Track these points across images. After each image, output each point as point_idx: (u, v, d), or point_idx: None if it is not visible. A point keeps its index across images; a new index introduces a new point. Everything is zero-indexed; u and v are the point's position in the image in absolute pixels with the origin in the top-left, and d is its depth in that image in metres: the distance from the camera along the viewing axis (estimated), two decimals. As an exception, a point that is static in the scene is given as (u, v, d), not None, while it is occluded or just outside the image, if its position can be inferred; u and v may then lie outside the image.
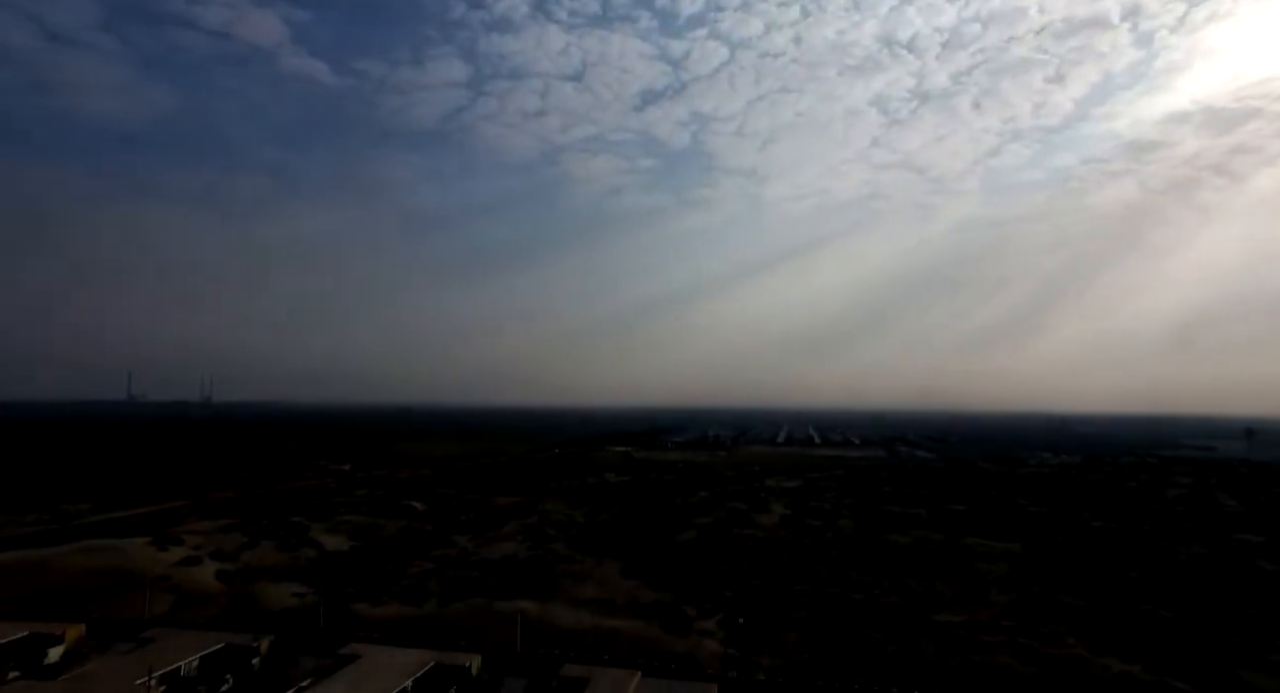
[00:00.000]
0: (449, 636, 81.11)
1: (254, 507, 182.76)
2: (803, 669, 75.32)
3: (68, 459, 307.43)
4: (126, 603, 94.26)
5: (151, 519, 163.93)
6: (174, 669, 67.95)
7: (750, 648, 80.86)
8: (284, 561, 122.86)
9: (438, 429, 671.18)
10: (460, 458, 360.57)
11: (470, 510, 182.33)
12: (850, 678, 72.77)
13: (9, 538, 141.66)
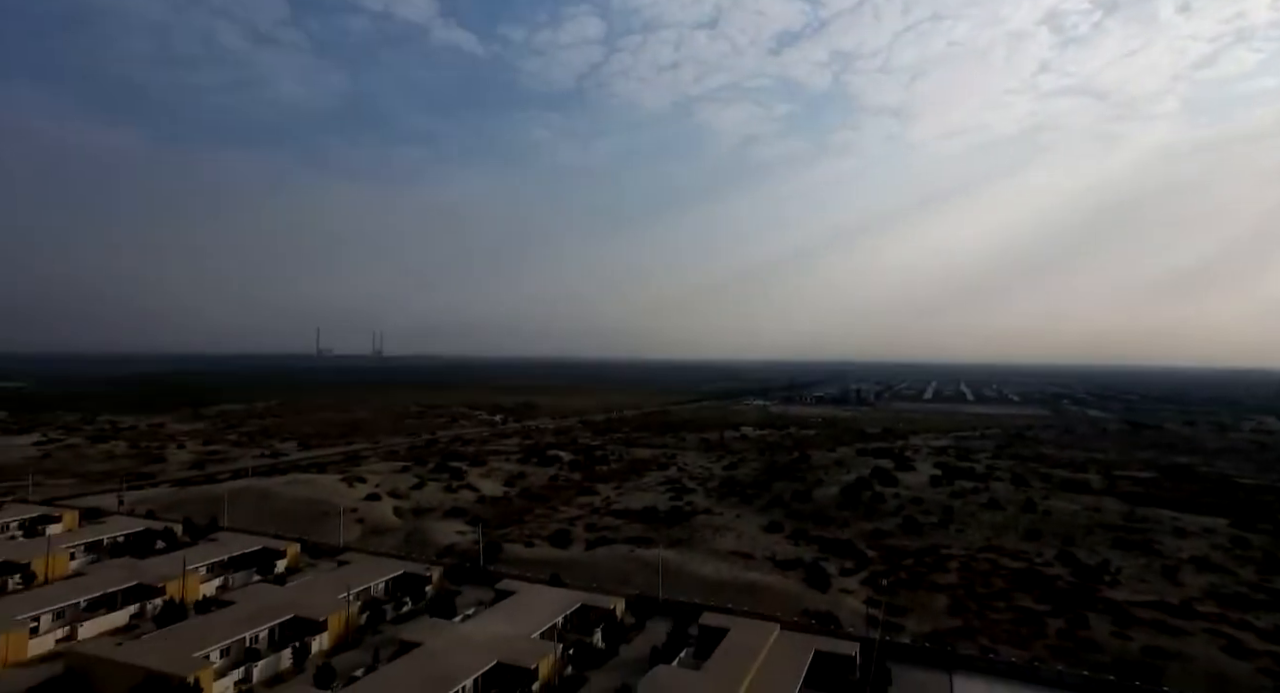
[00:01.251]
0: (594, 579, 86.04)
1: (421, 452, 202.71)
2: (953, 636, 72.16)
3: (275, 405, 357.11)
4: (326, 529, 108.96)
5: (341, 460, 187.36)
6: (365, 588, 77.98)
7: (894, 610, 78.57)
8: (447, 501, 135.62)
9: (581, 381, 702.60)
10: (602, 410, 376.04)
11: (612, 461, 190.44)
12: (1006, 649, 68.74)
13: (242, 469, 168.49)
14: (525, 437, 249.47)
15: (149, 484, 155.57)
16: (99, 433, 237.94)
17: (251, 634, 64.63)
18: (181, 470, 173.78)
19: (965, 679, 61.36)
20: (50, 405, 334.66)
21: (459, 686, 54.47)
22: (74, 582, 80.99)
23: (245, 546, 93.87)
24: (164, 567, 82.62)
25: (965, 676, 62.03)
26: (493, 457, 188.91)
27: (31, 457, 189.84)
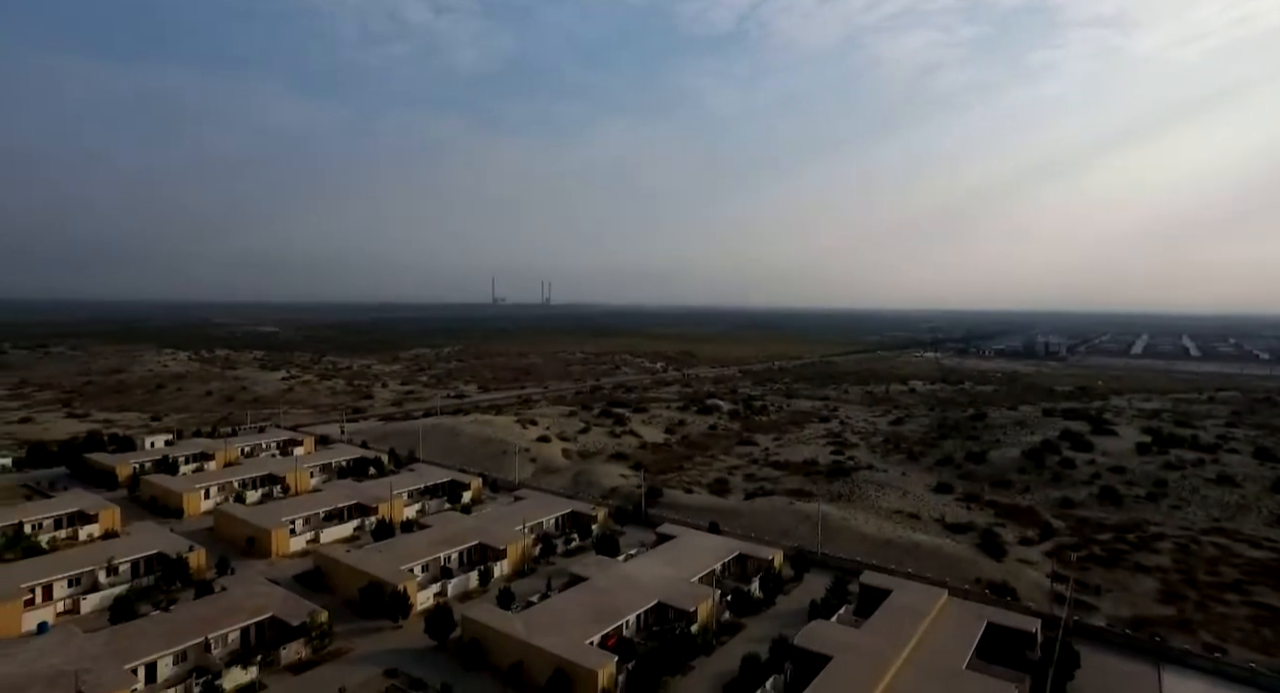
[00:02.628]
0: (752, 529, 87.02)
1: (586, 397, 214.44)
2: (1163, 626, 64.34)
3: (458, 350, 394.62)
4: (504, 465, 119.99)
5: (515, 402, 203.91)
6: (539, 523, 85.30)
7: (1084, 587, 71.46)
8: (611, 446, 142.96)
9: (741, 330, 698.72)
10: (762, 359, 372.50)
11: (771, 412, 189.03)
12: (1238, 650, 60.14)
13: (433, 408, 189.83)
14: (685, 385, 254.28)
15: (361, 417, 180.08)
16: (324, 372, 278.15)
17: (445, 555, 73.54)
18: (385, 407, 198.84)
19: (1178, 677, 53.91)
20: (291, 347, 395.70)
21: (623, 620, 58.31)
22: (315, 496, 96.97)
23: (437, 476, 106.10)
24: (376, 490, 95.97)
25: (1178, 672, 54.55)
26: (654, 404, 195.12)
27: (280, 390, 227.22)
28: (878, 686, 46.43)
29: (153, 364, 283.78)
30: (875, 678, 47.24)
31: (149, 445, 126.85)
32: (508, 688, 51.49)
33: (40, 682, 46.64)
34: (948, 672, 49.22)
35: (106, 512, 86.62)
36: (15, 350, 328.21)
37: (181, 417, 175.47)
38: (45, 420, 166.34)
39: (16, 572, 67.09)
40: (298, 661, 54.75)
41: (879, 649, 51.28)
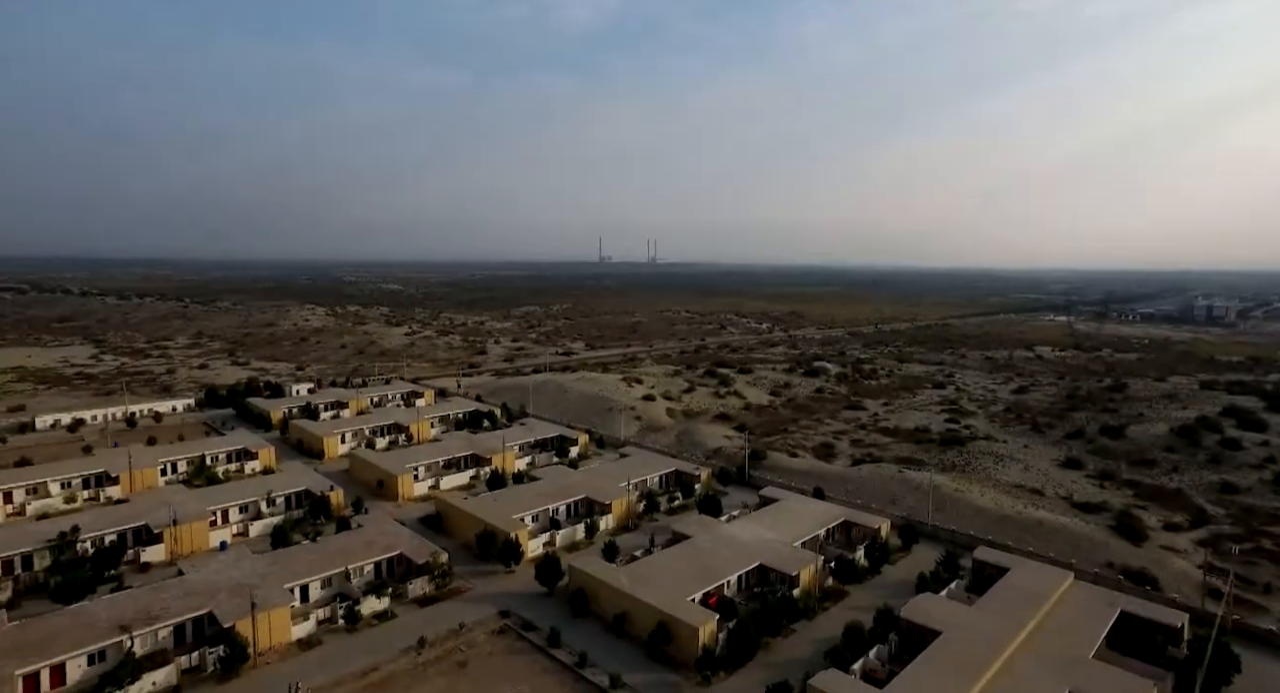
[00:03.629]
0: (858, 496, 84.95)
1: (691, 357, 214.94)
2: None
3: (566, 308, 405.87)
4: (609, 423, 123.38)
5: (621, 360, 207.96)
6: (643, 480, 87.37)
7: (1247, 584, 64.48)
8: (715, 406, 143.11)
9: (851, 290, 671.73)
10: (874, 321, 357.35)
11: (882, 376, 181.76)
12: None
13: (542, 365, 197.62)
14: (791, 346, 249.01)
15: (476, 372, 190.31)
16: (442, 328, 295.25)
17: (553, 507, 77.16)
18: (498, 363, 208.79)
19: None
20: (413, 304, 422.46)
21: (724, 580, 59.12)
22: (435, 445, 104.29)
23: (547, 431, 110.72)
24: (490, 442, 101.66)
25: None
26: (759, 365, 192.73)
27: (403, 344, 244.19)
28: (991, 666, 44.59)
29: (297, 319, 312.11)
30: (989, 658, 45.36)
31: (295, 393, 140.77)
32: (612, 637, 53.93)
33: (226, 590, 54.45)
34: (1072, 659, 46.29)
35: (264, 451, 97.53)
36: (194, 305, 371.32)
37: (320, 367, 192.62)
38: (216, 367, 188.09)
39: (203, 496, 77.60)
40: (423, 596, 59.88)
41: (993, 629, 49.09)
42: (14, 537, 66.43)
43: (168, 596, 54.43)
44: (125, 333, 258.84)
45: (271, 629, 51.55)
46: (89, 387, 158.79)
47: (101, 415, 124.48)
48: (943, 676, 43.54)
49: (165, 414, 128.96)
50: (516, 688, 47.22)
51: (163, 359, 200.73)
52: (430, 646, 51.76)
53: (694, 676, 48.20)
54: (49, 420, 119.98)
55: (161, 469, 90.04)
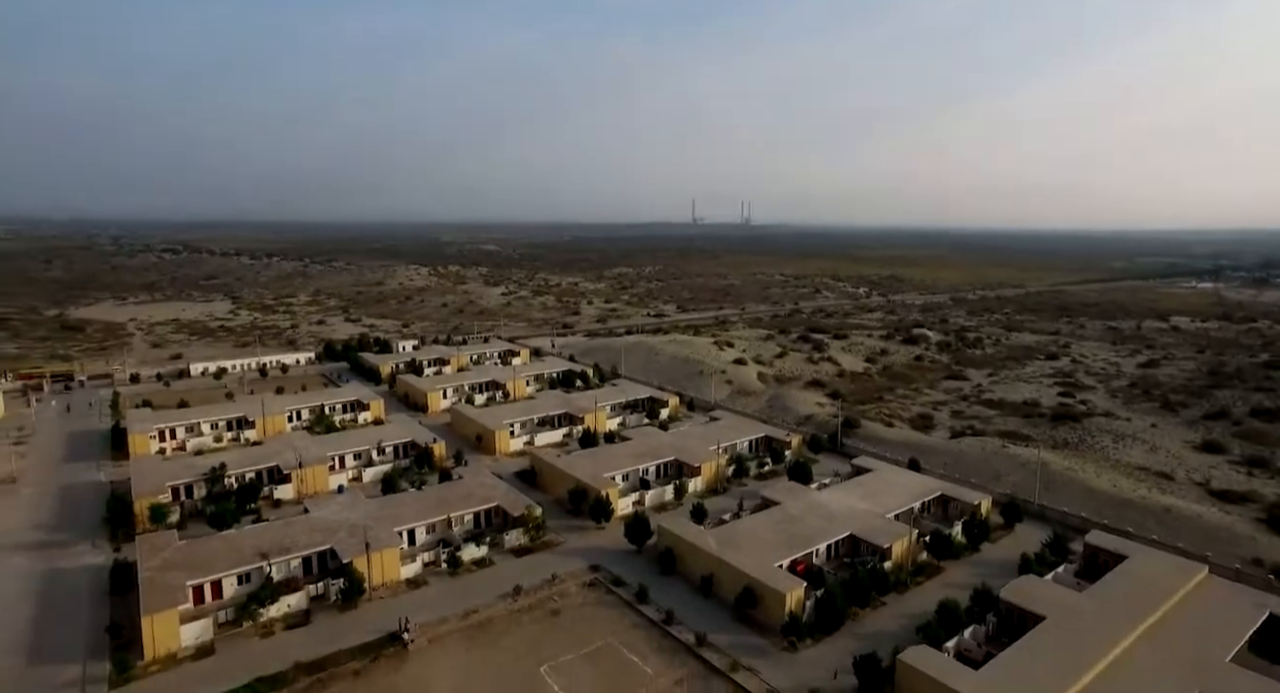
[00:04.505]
0: (956, 470, 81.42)
1: (784, 321, 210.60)
2: None
3: (658, 270, 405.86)
4: (700, 386, 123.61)
5: (712, 323, 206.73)
6: (732, 444, 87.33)
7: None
8: (808, 372, 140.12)
9: (956, 253, 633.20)
10: (980, 286, 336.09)
11: (987, 345, 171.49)
12: None
13: (634, 326, 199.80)
14: (889, 312, 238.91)
15: (569, 332, 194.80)
16: (538, 288, 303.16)
17: (643, 467, 78.64)
18: (590, 323, 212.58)
19: None
20: (510, 265, 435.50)
21: (813, 548, 58.67)
22: (530, 403, 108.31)
23: (638, 392, 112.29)
24: (582, 401, 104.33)
25: None
26: (854, 331, 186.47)
27: (500, 304, 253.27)
28: (1103, 658, 42.04)
29: (403, 278, 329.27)
30: (1100, 649, 42.80)
31: (401, 349, 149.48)
32: (698, 597, 54.99)
33: (344, 529, 59.55)
34: (1204, 661, 42.63)
35: (375, 403, 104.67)
36: (313, 265, 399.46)
37: (424, 325, 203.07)
38: (332, 323, 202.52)
39: (323, 443, 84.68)
40: (518, 546, 63.06)
41: (1107, 618, 46.16)
42: (178, 469, 75.36)
43: (296, 530, 60.18)
44: (256, 290, 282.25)
45: (383, 568, 56.04)
46: (229, 338, 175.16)
47: (239, 365, 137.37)
48: (1045, 662, 41.64)
49: (290, 366, 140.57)
50: (605, 639, 49.24)
51: (287, 315, 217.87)
52: (525, 594, 54.70)
53: (780, 641, 48.54)
54: (199, 368, 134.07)
55: (288, 416, 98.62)
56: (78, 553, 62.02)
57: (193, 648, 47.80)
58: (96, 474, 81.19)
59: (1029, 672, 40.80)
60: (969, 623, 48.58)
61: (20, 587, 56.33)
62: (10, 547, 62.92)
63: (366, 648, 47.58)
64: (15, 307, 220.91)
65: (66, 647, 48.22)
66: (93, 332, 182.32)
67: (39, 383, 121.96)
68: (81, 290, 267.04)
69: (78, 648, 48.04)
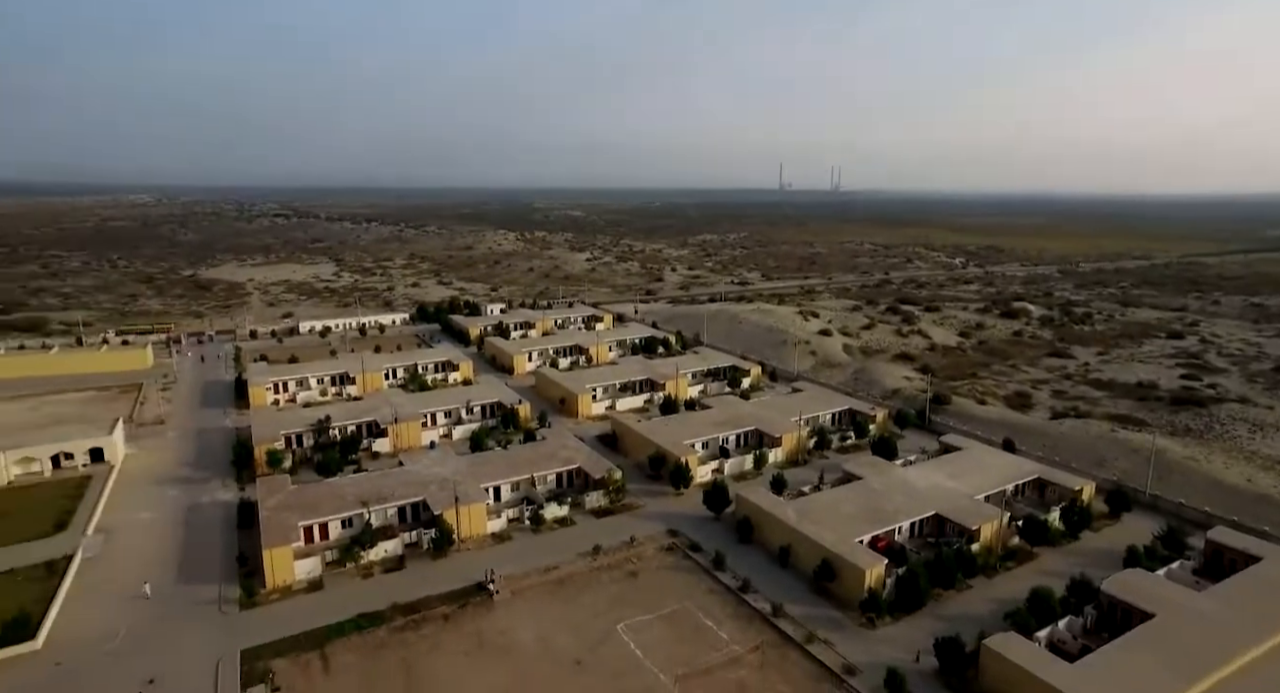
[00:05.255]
0: (1055, 453, 76.69)
1: (872, 292, 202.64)
2: None
3: (743, 237, 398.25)
4: (782, 356, 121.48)
5: (797, 292, 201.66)
6: (815, 416, 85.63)
7: None
8: (896, 345, 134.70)
9: (1065, 221, 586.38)
10: (1093, 256, 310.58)
11: (1098, 321, 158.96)
12: None
13: (717, 294, 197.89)
14: (987, 284, 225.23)
15: (652, 299, 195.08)
16: (621, 254, 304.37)
17: (723, 436, 78.50)
18: (673, 290, 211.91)
19: None
20: (595, 231, 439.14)
21: (895, 525, 57.15)
22: (612, 368, 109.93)
23: (719, 361, 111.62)
24: (663, 368, 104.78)
25: None
26: (948, 303, 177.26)
27: (585, 270, 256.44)
28: (1225, 665, 38.81)
29: (491, 243, 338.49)
30: (1221, 654, 39.51)
31: (489, 312, 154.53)
32: (775, 567, 54.89)
33: (435, 482, 63.04)
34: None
35: (464, 364, 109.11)
36: (408, 230, 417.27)
37: (511, 289, 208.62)
38: (425, 286, 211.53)
39: (416, 400, 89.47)
40: (598, 508, 64.75)
41: (1231, 622, 42.53)
42: (289, 419, 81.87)
43: (392, 481, 64.17)
44: (357, 253, 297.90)
45: (471, 521, 59.00)
46: (332, 299, 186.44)
47: (342, 324, 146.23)
48: (1153, 663, 39.03)
49: (387, 326, 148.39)
50: (681, 603, 50.13)
51: (384, 277, 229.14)
52: (604, 554, 56.31)
53: (858, 616, 47.91)
54: (307, 327, 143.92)
55: (385, 374, 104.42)
56: (212, 489, 69.08)
57: (305, 582, 52.31)
58: (224, 420, 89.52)
59: (1133, 671, 38.43)
60: (1064, 614, 46.20)
61: (172, 515, 63.68)
62: (164, 481, 71.18)
63: (455, 595, 50.57)
64: (159, 267, 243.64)
65: (206, 570, 54.26)
66: (219, 291, 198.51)
67: (179, 337, 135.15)
68: (210, 252, 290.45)
69: (215, 571, 53.95)
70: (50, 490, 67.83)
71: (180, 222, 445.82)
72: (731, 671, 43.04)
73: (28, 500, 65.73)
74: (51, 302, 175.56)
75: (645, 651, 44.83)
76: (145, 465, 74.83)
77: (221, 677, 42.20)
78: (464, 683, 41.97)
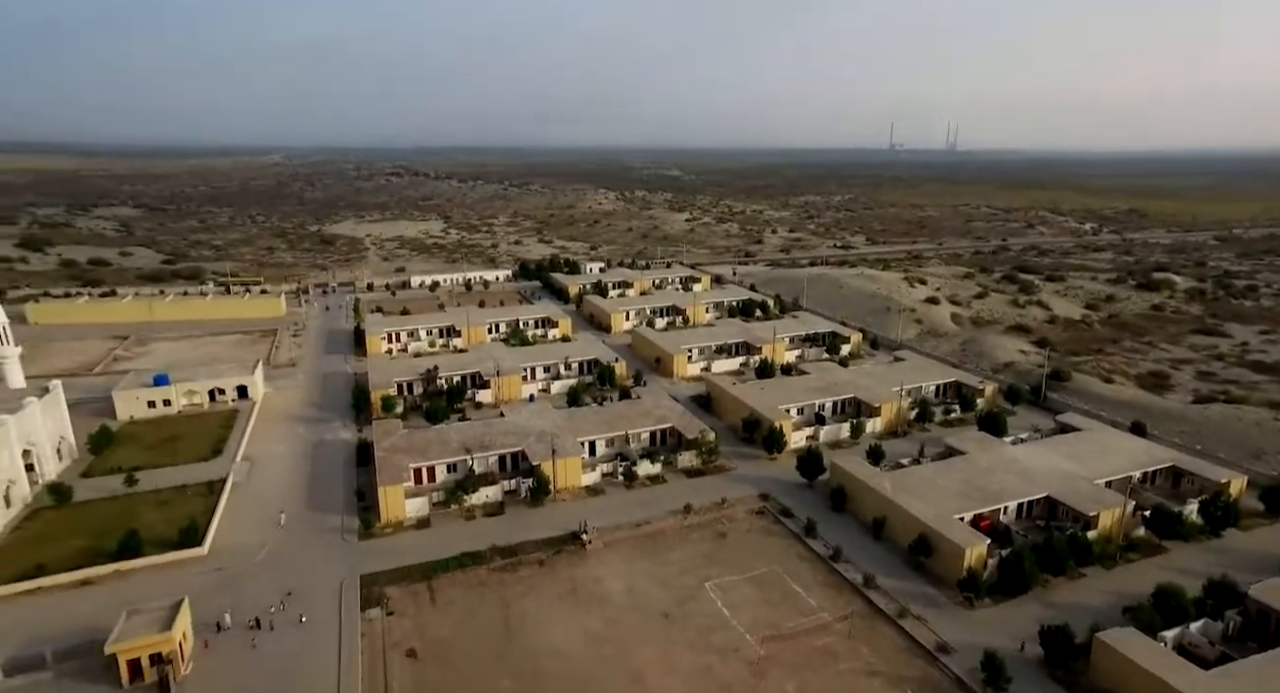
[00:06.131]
0: (1197, 440, 69.70)
1: (987, 259, 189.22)
2: None
3: (848, 199, 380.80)
4: (885, 323, 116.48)
5: (904, 258, 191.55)
6: (917, 387, 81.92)
7: None
8: (1011, 316, 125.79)
9: (1230, 181, 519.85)
10: (1263, 221, 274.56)
11: (1262, 294, 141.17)
12: None
13: (818, 258, 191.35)
14: (1124, 252, 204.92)
15: (751, 261, 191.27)
16: (721, 215, 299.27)
17: (819, 403, 76.69)
18: (773, 253, 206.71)
19: None
20: (694, 191, 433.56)
21: (1001, 505, 54.22)
22: (709, 330, 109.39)
23: (818, 326, 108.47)
24: (760, 331, 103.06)
25: None
26: (1074, 273, 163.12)
27: (684, 230, 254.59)
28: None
29: (592, 202, 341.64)
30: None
31: (588, 271, 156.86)
32: (868, 538, 53.68)
33: (533, 434, 65.78)
34: None
35: (563, 321, 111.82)
36: (511, 188, 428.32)
37: (610, 248, 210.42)
38: (527, 244, 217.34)
39: (517, 355, 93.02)
40: (690, 468, 65.30)
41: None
42: (401, 368, 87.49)
43: (494, 431, 67.34)
44: (464, 211, 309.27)
45: (566, 474, 61.12)
46: (440, 254, 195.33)
47: (449, 279, 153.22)
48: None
49: (490, 282, 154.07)
50: (770, 566, 50.14)
51: (488, 234, 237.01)
52: (695, 513, 56.97)
53: (955, 595, 46.23)
54: (418, 281, 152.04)
55: (488, 328, 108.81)
56: (334, 428, 75.44)
57: (414, 520, 56.35)
58: (345, 366, 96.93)
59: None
60: (1198, 616, 42.29)
61: (302, 449, 70.22)
62: (295, 418, 78.62)
63: (550, 542, 52.94)
64: (291, 222, 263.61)
65: (330, 500, 59.67)
66: (340, 245, 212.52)
67: (306, 287, 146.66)
68: (333, 209, 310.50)
69: (338, 503, 59.23)
70: (208, 420, 76.66)
71: (307, 180, 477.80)
72: (819, 637, 42.87)
73: (192, 427, 74.74)
74: (206, 253, 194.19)
75: (732, 609, 45.39)
76: (280, 403, 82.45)
77: (344, 597, 46.55)
78: (558, 625, 44.16)
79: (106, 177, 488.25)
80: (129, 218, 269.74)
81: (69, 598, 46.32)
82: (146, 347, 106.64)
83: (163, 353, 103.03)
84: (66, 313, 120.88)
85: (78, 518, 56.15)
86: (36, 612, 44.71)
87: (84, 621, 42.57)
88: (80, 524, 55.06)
